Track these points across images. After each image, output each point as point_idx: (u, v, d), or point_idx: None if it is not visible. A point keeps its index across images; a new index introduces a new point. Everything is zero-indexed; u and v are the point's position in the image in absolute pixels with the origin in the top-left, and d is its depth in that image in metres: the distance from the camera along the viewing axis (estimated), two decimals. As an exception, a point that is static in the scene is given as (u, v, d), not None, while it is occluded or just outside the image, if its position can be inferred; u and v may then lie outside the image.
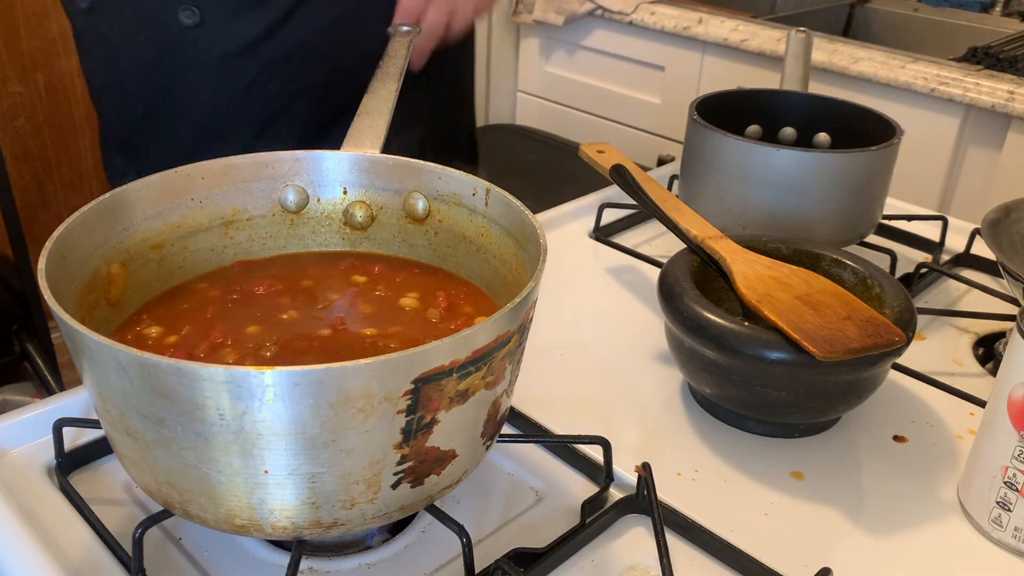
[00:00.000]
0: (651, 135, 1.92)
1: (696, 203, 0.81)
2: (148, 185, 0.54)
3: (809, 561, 0.52)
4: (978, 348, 0.75)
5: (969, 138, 1.51)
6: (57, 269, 0.46)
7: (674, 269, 0.63)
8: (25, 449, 0.58)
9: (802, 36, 0.92)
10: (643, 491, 0.54)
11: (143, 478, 0.45)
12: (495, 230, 0.56)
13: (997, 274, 0.85)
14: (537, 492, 0.57)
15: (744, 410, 0.61)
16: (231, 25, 0.81)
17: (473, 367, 0.42)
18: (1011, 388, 0.51)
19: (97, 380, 0.41)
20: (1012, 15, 1.92)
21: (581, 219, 0.92)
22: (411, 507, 0.46)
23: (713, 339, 0.57)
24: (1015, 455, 0.51)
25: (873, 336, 0.54)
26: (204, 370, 0.38)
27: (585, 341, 0.72)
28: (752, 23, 1.72)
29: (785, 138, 0.92)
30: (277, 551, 0.51)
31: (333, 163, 0.59)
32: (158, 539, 0.52)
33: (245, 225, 0.59)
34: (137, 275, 0.54)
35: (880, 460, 0.60)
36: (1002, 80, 1.45)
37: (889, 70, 1.52)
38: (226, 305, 0.55)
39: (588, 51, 1.99)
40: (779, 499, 0.57)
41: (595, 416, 0.63)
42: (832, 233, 0.79)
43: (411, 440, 0.42)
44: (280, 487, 0.41)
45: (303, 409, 0.39)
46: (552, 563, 0.51)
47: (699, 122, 0.81)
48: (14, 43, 1.88)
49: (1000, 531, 0.53)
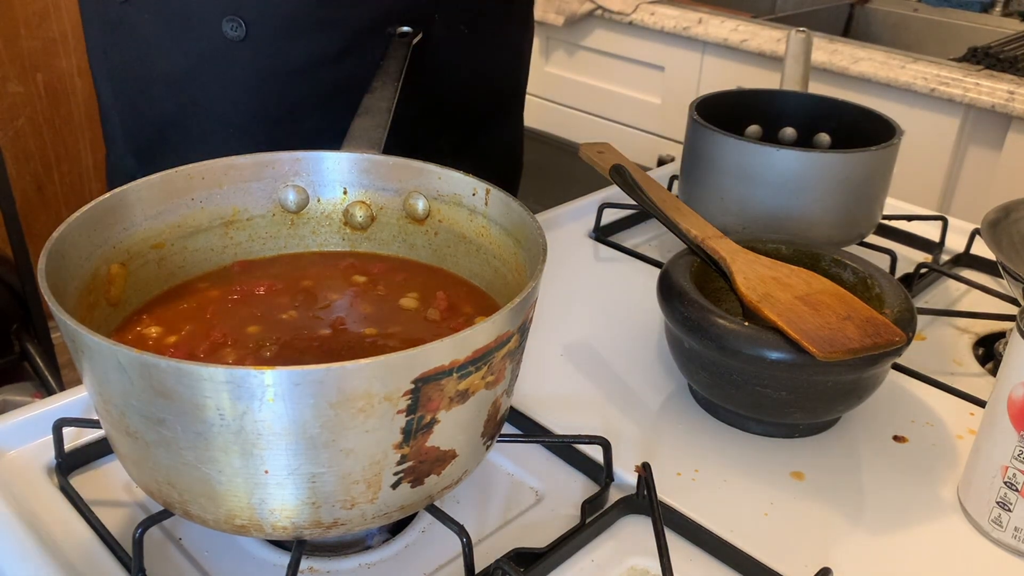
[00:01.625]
0: (651, 135, 1.92)
1: (696, 203, 0.82)
2: (148, 185, 0.54)
3: (809, 561, 0.52)
4: (978, 348, 0.75)
5: (969, 138, 1.51)
6: (57, 269, 0.46)
7: (674, 269, 0.63)
8: (25, 449, 0.58)
9: (802, 36, 0.92)
10: (643, 491, 0.54)
11: (143, 478, 0.45)
12: (495, 230, 0.56)
13: (997, 274, 0.85)
14: (537, 492, 0.57)
15: (744, 410, 0.61)
16: (279, 45, 0.75)
17: (473, 367, 0.42)
18: (1011, 388, 0.51)
19: (97, 380, 0.41)
20: (1012, 15, 1.92)
21: (581, 219, 0.92)
22: (411, 507, 0.46)
23: (713, 339, 0.57)
24: (1015, 455, 0.51)
25: (873, 336, 0.54)
26: (204, 370, 0.38)
27: (585, 341, 0.72)
28: (752, 23, 1.72)
29: (785, 138, 0.92)
30: (277, 551, 0.51)
31: (333, 163, 0.59)
32: (158, 539, 0.52)
33: (245, 225, 0.59)
34: (137, 275, 0.54)
35: (880, 460, 0.60)
36: (1002, 80, 1.45)
37: (889, 70, 1.52)
38: (226, 305, 0.55)
39: (588, 51, 1.99)
40: (779, 499, 0.57)
41: (595, 416, 0.63)
42: (832, 233, 0.79)
43: (411, 440, 0.42)
44: (280, 487, 0.41)
45: (303, 409, 0.39)
46: (552, 563, 0.51)
47: (699, 122, 0.81)
48: (14, 43, 1.88)
49: (1000, 531, 0.53)
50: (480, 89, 0.90)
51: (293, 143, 0.73)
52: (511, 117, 0.97)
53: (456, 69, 0.85)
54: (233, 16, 0.74)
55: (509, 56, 0.92)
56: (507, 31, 0.91)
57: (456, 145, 0.88)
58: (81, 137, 2.04)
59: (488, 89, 0.91)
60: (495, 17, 0.87)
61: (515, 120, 0.99)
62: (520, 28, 0.93)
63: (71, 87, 1.98)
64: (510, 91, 0.95)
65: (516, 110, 0.98)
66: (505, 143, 0.97)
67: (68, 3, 1.92)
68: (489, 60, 0.89)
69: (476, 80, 0.88)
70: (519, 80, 0.96)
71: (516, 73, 0.95)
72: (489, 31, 0.87)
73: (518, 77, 0.96)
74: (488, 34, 0.87)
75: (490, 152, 0.93)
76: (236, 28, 0.74)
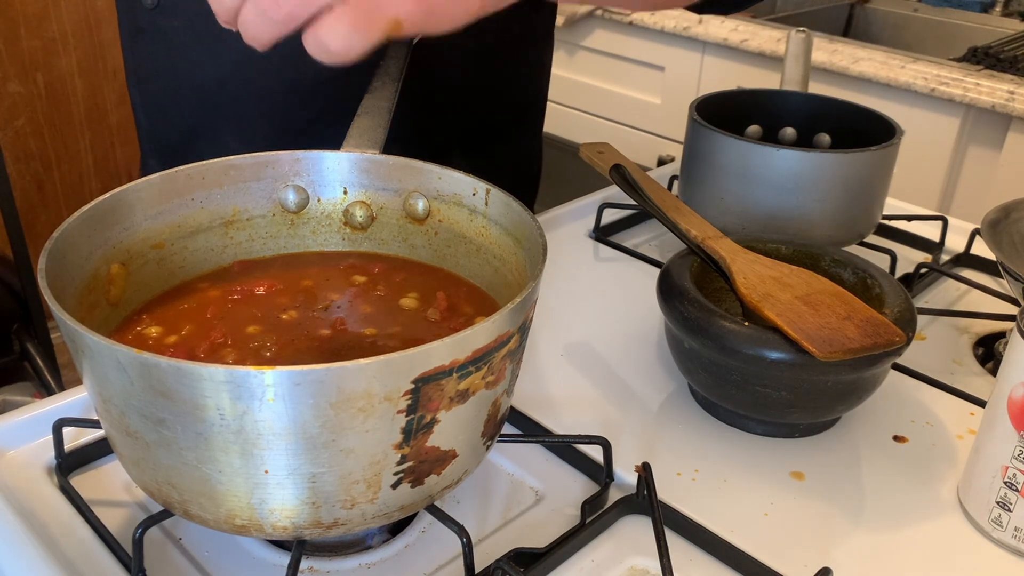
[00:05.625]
0: (651, 135, 1.92)
1: (696, 203, 0.82)
2: (148, 185, 0.54)
3: (809, 561, 0.52)
4: (978, 348, 0.75)
5: (969, 138, 1.51)
6: (57, 269, 0.46)
7: (674, 269, 0.63)
8: (25, 449, 0.58)
9: (802, 36, 0.92)
10: (643, 491, 0.54)
11: (143, 478, 0.45)
12: (495, 230, 0.56)
13: (997, 274, 0.85)
14: (537, 492, 0.57)
15: (744, 410, 0.61)
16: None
17: (473, 367, 0.42)
18: (1011, 388, 0.51)
19: (97, 380, 0.41)
20: (1012, 15, 1.93)
21: (581, 219, 0.92)
22: (411, 507, 0.46)
23: (713, 339, 0.57)
24: (1015, 455, 0.51)
25: (873, 336, 0.54)
26: (204, 370, 0.38)
27: (585, 341, 0.72)
28: (752, 23, 1.72)
29: (785, 138, 0.92)
30: (277, 551, 0.51)
31: (333, 163, 0.59)
32: (158, 539, 0.52)
33: (245, 225, 0.59)
34: (137, 275, 0.54)
35: (880, 460, 0.60)
36: (1002, 80, 1.45)
37: (889, 70, 1.52)
38: (226, 305, 0.55)
39: (588, 51, 1.99)
40: (779, 499, 0.57)
41: (595, 416, 0.63)
42: (832, 233, 0.79)
43: (411, 440, 0.42)
44: (280, 487, 0.41)
45: (303, 409, 0.39)
46: (552, 563, 0.51)
47: (699, 122, 0.81)
48: (14, 43, 1.88)
49: (1000, 531, 0.53)
50: (502, 102, 0.90)
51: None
52: (531, 129, 0.98)
53: (479, 83, 0.85)
54: None
55: (532, 70, 0.93)
56: (529, 45, 0.91)
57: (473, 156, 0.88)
58: (81, 137, 2.05)
59: (510, 102, 0.91)
60: (520, 32, 0.88)
61: (534, 132, 0.99)
62: (543, 42, 0.94)
63: (71, 87, 1.99)
64: (531, 103, 0.95)
65: (536, 122, 0.98)
66: (523, 155, 0.97)
67: (68, 3, 1.92)
68: (513, 74, 0.89)
69: (497, 93, 0.88)
70: (540, 93, 0.96)
71: (538, 86, 0.95)
72: (514, 45, 0.87)
73: (540, 90, 0.96)
74: (512, 48, 0.87)
75: (507, 163, 0.93)
76: None
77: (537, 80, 0.95)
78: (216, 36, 0.75)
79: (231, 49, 0.75)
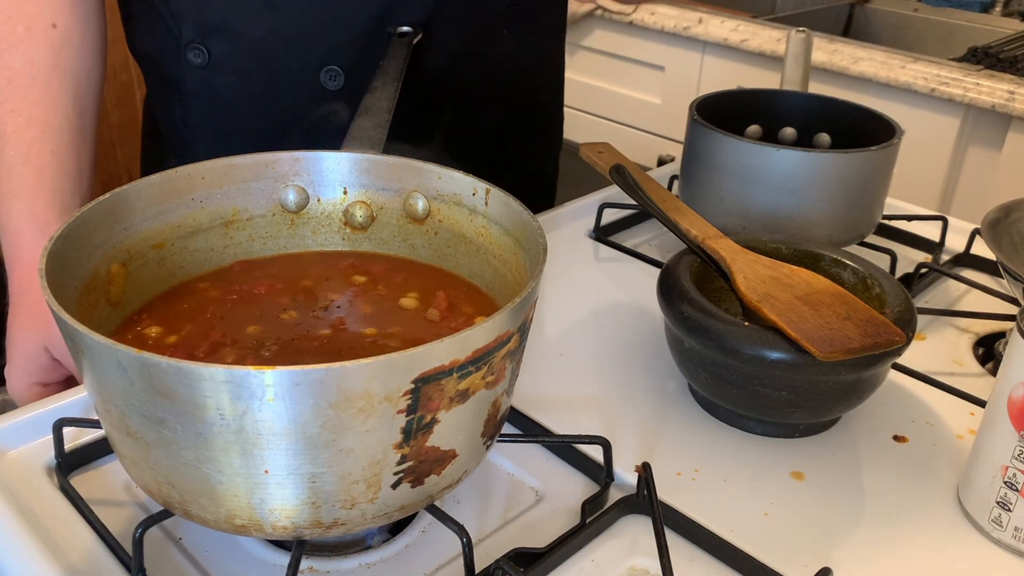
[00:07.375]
0: (651, 135, 1.92)
1: (696, 203, 0.81)
2: (148, 185, 0.54)
3: (809, 561, 0.52)
4: (978, 348, 0.75)
5: (969, 138, 1.51)
6: (57, 269, 0.46)
7: (674, 269, 0.63)
8: (25, 449, 0.58)
9: (802, 36, 0.92)
10: (643, 491, 0.54)
11: (143, 478, 0.45)
12: (495, 230, 0.56)
13: (997, 274, 0.85)
14: (537, 492, 0.57)
15: (744, 410, 0.61)
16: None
17: (473, 367, 0.42)
18: (1011, 388, 0.51)
19: (97, 380, 0.41)
20: (1012, 15, 1.93)
21: (581, 219, 0.92)
22: (411, 507, 0.46)
23: (713, 339, 0.57)
24: (1015, 455, 0.51)
25: (873, 336, 0.54)
26: (204, 370, 0.38)
27: (585, 341, 0.72)
28: (752, 23, 1.72)
29: (785, 138, 0.92)
30: (277, 551, 0.51)
31: (333, 163, 0.59)
32: (158, 539, 0.52)
33: (245, 225, 0.59)
34: (137, 275, 0.54)
35: (880, 460, 0.60)
36: (1002, 80, 1.45)
37: (889, 70, 1.52)
38: (226, 305, 0.55)
39: (588, 51, 1.99)
40: (779, 499, 0.57)
41: (595, 416, 0.63)
42: (832, 233, 0.79)
43: (411, 440, 0.42)
44: (280, 487, 0.41)
45: (303, 409, 0.39)
46: (552, 563, 0.51)
47: (699, 122, 0.81)
48: (14, 43, 1.87)
49: (1000, 531, 0.53)
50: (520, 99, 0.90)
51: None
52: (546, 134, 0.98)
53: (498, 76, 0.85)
54: (331, 66, 0.73)
55: (550, 65, 0.92)
56: (547, 38, 0.91)
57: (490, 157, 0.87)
58: (81, 137, 2.04)
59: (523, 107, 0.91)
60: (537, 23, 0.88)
61: (549, 137, 0.99)
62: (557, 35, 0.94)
63: (71, 87, 1.98)
64: (549, 100, 0.95)
65: (551, 127, 0.98)
66: (540, 157, 0.97)
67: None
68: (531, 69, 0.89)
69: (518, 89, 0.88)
70: (557, 89, 0.96)
71: (555, 82, 0.95)
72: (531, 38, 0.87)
73: (556, 87, 0.96)
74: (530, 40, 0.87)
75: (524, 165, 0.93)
76: (335, 78, 0.73)
77: (551, 82, 0.94)
78: (278, 85, 0.73)
79: (297, 95, 0.74)
